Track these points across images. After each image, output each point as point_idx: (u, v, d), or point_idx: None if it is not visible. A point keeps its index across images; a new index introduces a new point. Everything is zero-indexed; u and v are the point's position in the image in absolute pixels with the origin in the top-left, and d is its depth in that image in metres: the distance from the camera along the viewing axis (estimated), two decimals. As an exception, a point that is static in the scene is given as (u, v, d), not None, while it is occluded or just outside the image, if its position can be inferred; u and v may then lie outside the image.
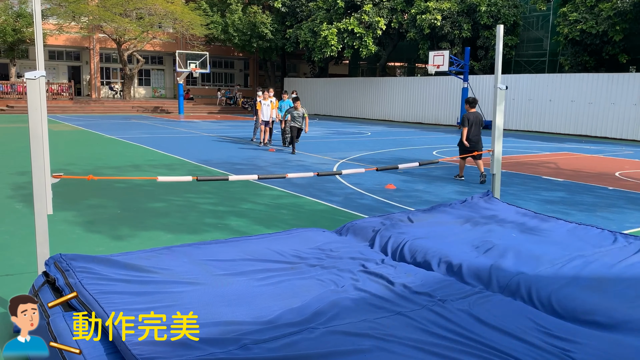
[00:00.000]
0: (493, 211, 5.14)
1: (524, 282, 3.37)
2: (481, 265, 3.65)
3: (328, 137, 19.64)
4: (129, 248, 5.53)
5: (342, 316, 2.92)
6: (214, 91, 42.95)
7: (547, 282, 3.35)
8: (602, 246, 4.06)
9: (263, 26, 34.48)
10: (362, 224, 4.82)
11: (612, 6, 21.65)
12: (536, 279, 3.38)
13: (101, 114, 31.45)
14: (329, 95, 35.43)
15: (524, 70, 29.58)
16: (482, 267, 3.62)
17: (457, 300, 3.13)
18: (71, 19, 32.27)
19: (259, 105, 16.22)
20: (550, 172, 11.51)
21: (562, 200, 8.67)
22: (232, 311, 2.95)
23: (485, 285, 3.44)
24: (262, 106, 16.06)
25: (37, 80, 3.75)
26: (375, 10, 30.03)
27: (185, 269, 3.50)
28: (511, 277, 3.43)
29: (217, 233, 6.26)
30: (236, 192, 8.76)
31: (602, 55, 24.38)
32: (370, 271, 3.63)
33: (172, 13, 33.12)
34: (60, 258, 3.42)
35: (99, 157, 12.70)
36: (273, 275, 3.53)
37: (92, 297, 2.91)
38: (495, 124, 6.28)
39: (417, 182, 10.05)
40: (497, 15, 27.90)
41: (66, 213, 7.06)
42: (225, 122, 26.95)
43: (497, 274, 3.50)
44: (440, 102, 28.92)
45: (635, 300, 3.13)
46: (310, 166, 12.05)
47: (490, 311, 3.00)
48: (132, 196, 8.27)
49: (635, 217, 7.50)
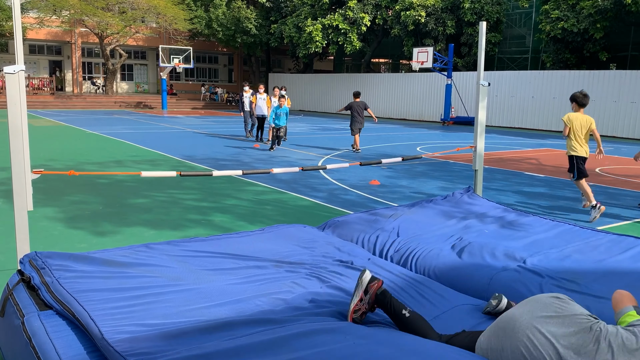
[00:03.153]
0: (474, 207, 5.20)
1: (497, 282, 3.41)
2: (458, 265, 3.69)
3: (313, 133, 19.64)
4: (111, 244, 5.50)
5: (328, 314, 2.93)
6: (197, 86, 42.69)
7: (524, 280, 3.39)
8: (580, 242, 4.13)
9: (247, 21, 34.31)
10: (346, 220, 4.84)
11: (592, 4, 21.93)
12: (512, 278, 3.42)
13: (83, 109, 31.08)
14: (313, 91, 35.40)
15: (507, 67, 29.85)
16: (458, 266, 3.67)
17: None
18: (52, 13, 31.79)
19: (254, 98, 16.00)
20: (532, 168, 11.65)
21: (542, 195, 8.79)
22: (214, 308, 2.95)
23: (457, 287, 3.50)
24: (257, 100, 15.88)
25: (17, 75, 3.70)
26: (359, 6, 30.05)
27: (165, 266, 3.48)
28: (488, 280, 3.47)
29: (201, 229, 6.24)
30: (220, 187, 8.74)
31: (584, 52, 24.70)
32: (353, 268, 3.65)
33: (155, 7, 32.80)
34: (36, 256, 3.36)
35: (81, 153, 12.57)
36: (255, 273, 3.53)
37: (69, 295, 2.87)
38: (477, 120, 6.34)
39: (401, 178, 10.11)
40: (481, 12, 28.10)
41: (47, 209, 6.98)
42: (209, 118, 26.80)
43: (473, 275, 3.55)
44: (424, 98, 29.07)
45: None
46: (294, 162, 12.05)
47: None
48: (115, 192, 8.20)
49: (614, 212, 7.63)
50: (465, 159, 12.98)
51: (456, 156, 13.48)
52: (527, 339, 2.26)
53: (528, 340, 2.26)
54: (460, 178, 10.36)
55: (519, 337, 2.29)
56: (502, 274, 3.49)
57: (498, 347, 2.37)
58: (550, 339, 2.22)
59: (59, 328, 2.67)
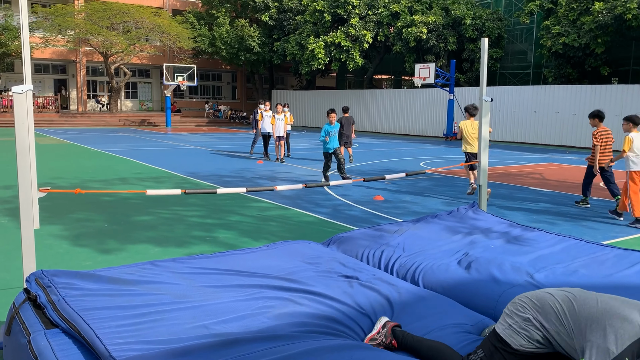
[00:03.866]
0: (479, 222, 5.19)
1: (506, 298, 3.39)
2: (465, 280, 3.67)
3: (316, 149, 19.69)
4: (116, 262, 5.50)
5: (333, 331, 2.93)
6: (201, 104, 42.97)
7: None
8: (587, 256, 4.11)
9: (250, 39, 34.63)
10: (351, 235, 4.83)
11: (593, 20, 22.08)
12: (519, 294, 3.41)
13: (88, 127, 31.29)
14: (316, 108, 35.58)
15: (509, 82, 29.97)
16: (466, 282, 3.65)
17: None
18: (57, 32, 32.17)
19: (272, 119, 15.87)
20: (536, 183, 11.64)
21: (547, 210, 8.76)
22: (220, 325, 2.94)
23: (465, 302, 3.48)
24: (276, 121, 15.79)
25: (25, 94, 3.74)
26: (361, 23, 30.32)
27: (171, 284, 3.48)
28: (497, 297, 3.45)
29: (205, 246, 6.24)
30: (224, 204, 8.75)
31: (585, 67, 24.81)
32: (361, 284, 3.64)
33: (160, 26, 33.18)
34: (42, 274, 3.37)
35: (86, 171, 12.62)
36: (261, 290, 3.52)
37: (76, 313, 2.87)
38: (481, 135, 6.36)
39: (405, 194, 10.10)
40: (482, 28, 28.33)
41: (53, 227, 7.00)
42: (212, 135, 26.92)
43: (481, 291, 3.53)
44: (427, 114, 29.17)
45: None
46: (298, 178, 12.07)
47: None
48: (119, 209, 8.22)
49: (619, 227, 7.60)
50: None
51: (460, 171, 13.48)
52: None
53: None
54: (464, 193, 10.35)
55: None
56: (511, 290, 3.47)
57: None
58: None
59: (65, 347, 2.67)
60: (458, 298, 3.54)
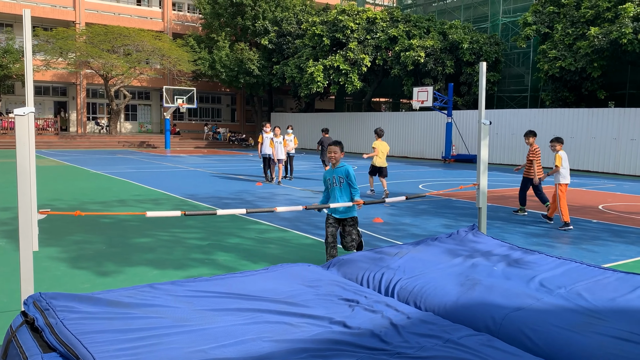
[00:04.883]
0: (479, 245, 5.17)
1: (514, 321, 3.36)
2: (467, 303, 3.64)
3: (315, 171, 19.72)
4: (114, 284, 5.46)
5: (335, 355, 2.89)
6: (200, 126, 43.16)
7: (532, 319, 3.34)
8: (588, 280, 4.09)
9: (250, 62, 34.96)
10: (351, 258, 4.81)
11: (589, 44, 22.34)
12: (523, 318, 3.37)
13: (87, 149, 31.36)
14: (315, 130, 35.74)
15: (506, 105, 30.20)
16: (468, 305, 3.62)
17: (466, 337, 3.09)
18: (58, 55, 32.47)
19: (285, 142, 15.83)
20: (535, 206, 11.64)
21: (547, 233, 8.75)
22: (219, 349, 2.91)
23: (473, 325, 3.43)
24: (287, 142, 15.94)
25: (26, 117, 3.75)
26: (360, 47, 30.66)
27: (170, 307, 3.45)
28: (500, 319, 3.41)
29: (205, 268, 6.20)
30: (223, 226, 8.72)
31: (582, 91, 25.02)
32: (362, 307, 3.61)
33: (160, 49, 33.52)
34: (40, 297, 3.34)
35: (85, 193, 12.61)
36: (260, 314, 3.49)
37: (74, 337, 2.84)
38: (480, 158, 6.38)
39: (404, 216, 10.09)
40: (479, 52, 28.65)
41: (51, 249, 6.96)
42: (212, 157, 26.97)
43: (484, 313, 3.50)
44: (425, 136, 29.31)
45: (621, 340, 3.04)
46: (297, 200, 12.06)
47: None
48: (118, 231, 8.19)
49: (619, 250, 7.58)
50: (467, 197, 12.99)
51: (459, 194, 13.49)
52: None
53: None
54: (464, 216, 10.34)
55: None
56: (514, 313, 3.44)
57: None
58: None
59: (62, 371, 2.63)
60: (460, 321, 3.51)
